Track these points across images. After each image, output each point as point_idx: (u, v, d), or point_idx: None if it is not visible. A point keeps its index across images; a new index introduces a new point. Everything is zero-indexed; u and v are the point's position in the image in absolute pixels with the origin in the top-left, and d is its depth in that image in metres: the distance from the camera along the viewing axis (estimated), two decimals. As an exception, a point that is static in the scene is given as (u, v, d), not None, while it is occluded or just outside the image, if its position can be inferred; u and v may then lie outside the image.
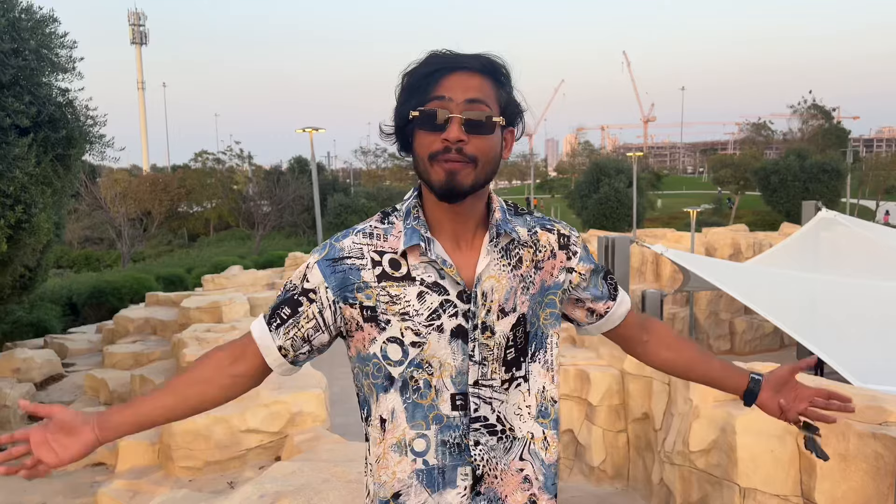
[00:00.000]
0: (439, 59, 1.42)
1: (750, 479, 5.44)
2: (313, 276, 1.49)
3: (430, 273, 1.47)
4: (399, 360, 1.48)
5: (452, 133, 1.38)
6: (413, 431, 1.50)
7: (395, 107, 1.48)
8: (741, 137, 61.84)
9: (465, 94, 1.39)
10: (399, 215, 1.52)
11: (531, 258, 1.55)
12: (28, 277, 9.78)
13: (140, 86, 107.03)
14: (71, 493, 5.77)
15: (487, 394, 1.51)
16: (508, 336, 1.52)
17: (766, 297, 11.03)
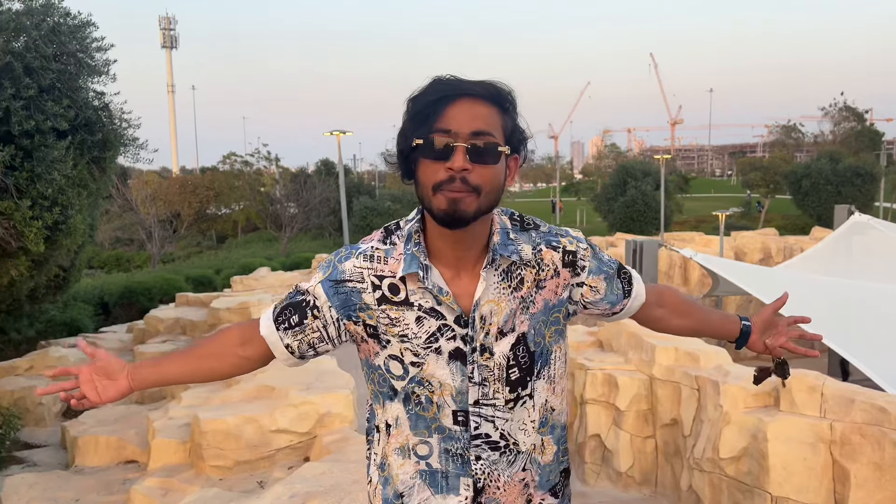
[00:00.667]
0: (444, 85, 1.41)
1: (782, 487, 5.37)
2: (319, 294, 1.53)
3: (427, 299, 1.49)
4: (401, 375, 1.53)
5: (457, 162, 1.37)
6: (416, 438, 1.56)
7: (399, 132, 1.48)
8: (771, 140, 60.96)
9: (470, 124, 1.38)
10: (401, 236, 1.53)
11: (533, 278, 1.55)
12: (62, 277, 9.98)
13: (170, 89, 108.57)
14: (104, 489, 5.86)
15: (489, 412, 1.54)
16: (508, 356, 1.53)
17: (797, 303, 10.86)
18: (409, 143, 1.44)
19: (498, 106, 1.43)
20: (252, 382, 6.14)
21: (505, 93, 1.45)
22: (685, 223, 42.03)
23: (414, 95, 1.44)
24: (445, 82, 1.42)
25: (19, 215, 5.52)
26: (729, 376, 6.11)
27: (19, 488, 5.77)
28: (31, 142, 5.62)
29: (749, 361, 15.41)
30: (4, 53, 5.40)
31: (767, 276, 13.04)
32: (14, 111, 5.42)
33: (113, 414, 7.43)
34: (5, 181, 5.52)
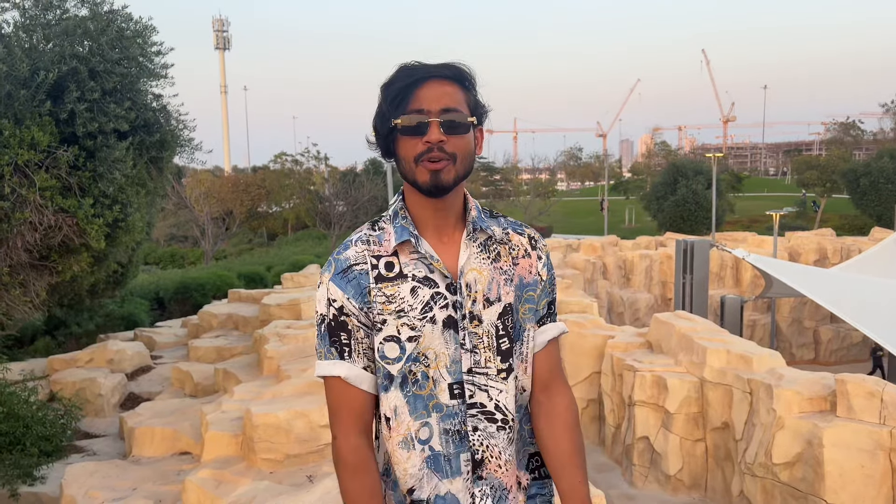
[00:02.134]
0: (413, 70, 1.57)
1: (838, 495, 5.23)
2: (334, 293, 1.60)
3: (420, 269, 1.60)
4: (397, 357, 1.59)
5: (433, 135, 1.54)
6: (417, 422, 1.60)
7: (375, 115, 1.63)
8: (828, 138, 59.12)
9: (439, 101, 1.55)
10: (387, 219, 1.66)
11: (508, 254, 1.69)
12: (120, 273, 10.30)
13: (223, 90, 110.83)
14: (159, 479, 6.04)
15: (482, 381, 1.62)
16: (497, 325, 1.63)
17: (855, 305, 10.56)
18: (387, 124, 1.58)
19: (461, 84, 1.60)
20: (302, 378, 6.25)
21: (466, 72, 1.61)
22: (737, 223, 41.13)
23: (386, 82, 1.59)
24: (413, 68, 1.58)
25: (82, 213, 5.73)
26: (783, 380, 5.97)
27: (80, 476, 5.98)
28: (93, 143, 5.83)
29: (804, 365, 15.00)
30: (70, 58, 5.61)
31: (823, 278, 12.68)
32: (79, 113, 5.63)
33: (168, 407, 7.65)
34: (69, 180, 5.74)
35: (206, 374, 8.79)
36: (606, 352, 8.28)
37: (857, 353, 16.59)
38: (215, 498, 4.89)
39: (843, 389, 5.48)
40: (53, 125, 5.43)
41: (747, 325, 16.22)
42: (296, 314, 9.76)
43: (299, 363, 6.85)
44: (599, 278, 18.34)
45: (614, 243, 20.64)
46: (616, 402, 8.04)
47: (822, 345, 16.85)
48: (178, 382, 9.14)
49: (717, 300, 15.48)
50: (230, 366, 8.42)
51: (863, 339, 16.26)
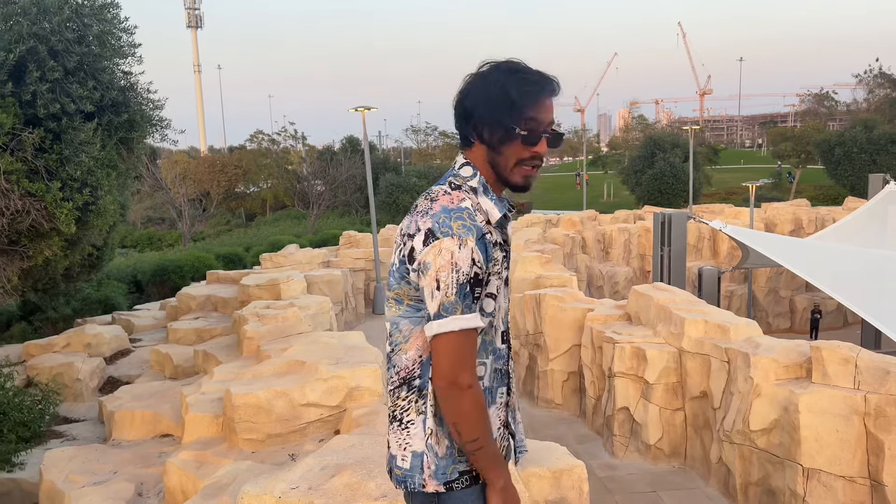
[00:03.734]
0: (540, 81, 1.85)
1: (814, 459, 5.32)
2: (477, 256, 1.80)
3: (496, 235, 1.89)
4: (492, 311, 1.90)
5: (543, 149, 1.86)
6: (477, 360, 1.88)
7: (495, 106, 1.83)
8: (802, 109, 59.48)
9: (549, 117, 1.87)
10: (470, 190, 1.89)
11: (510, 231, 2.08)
12: (96, 257, 10.16)
13: (196, 68, 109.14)
14: (140, 462, 6.00)
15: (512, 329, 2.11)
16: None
17: (830, 274, 10.70)
18: (511, 122, 1.82)
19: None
20: (282, 358, 6.22)
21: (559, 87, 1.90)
22: (714, 195, 41.43)
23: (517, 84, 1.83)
24: (540, 79, 1.85)
25: (50, 197, 5.61)
26: (759, 348, 6.04)
27: (59, 461, 5.93)
28: (58, 124, 5.69)
29: (780, 334, 15.21)
30: (29, 37, 5.45)
31: (799, 248, 12.82)
32: (40, 94, 5.48)
33: (148, 390, 7.59)
34: (35, 164, 5.61)
35: (186, 356, 8.73)
36: (586, 325, 8.33)
37: (832, 321, 16.87)
38: (197, 479, 4.87)
39: (818, 356, 5.56)
40: (17, 107, 5.29)
41: (725, 296, 16.42)
42: (275, 294, 9.70)
43: (279, 343, 6.81)
44: (579, 252, 18.42)
45: (593, 218, 20.71)
46: (596, 374, 8.11)
47: (797, 313, 17.10)
48: (157, 365, 9.07)
49: (694, 272, 15.63)
50: (210, 347, 8.36)
51: (837, 308, 16.51)
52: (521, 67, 1.85)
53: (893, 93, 44.07)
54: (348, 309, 14.04)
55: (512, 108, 1.80)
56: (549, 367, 8.84)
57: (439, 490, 1.88)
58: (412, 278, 1.84)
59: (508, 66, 1.85)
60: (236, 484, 4.22)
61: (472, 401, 1.80)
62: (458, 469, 1.89)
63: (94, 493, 5.26)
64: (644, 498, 6.50)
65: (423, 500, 1.93)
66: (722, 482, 6.42)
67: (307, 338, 6.79)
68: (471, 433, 1.81)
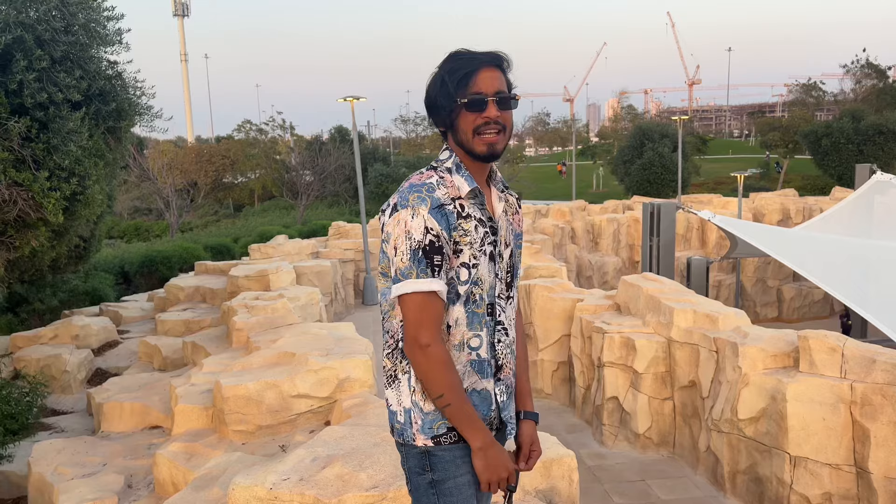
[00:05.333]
0: (471, 59, 2.00)
1: (801, 447, 5.38)
2: (431, 224, 1.93)
3: (476, 211, 2.02)
4: (465, 280, 2.00)
5: (491, 112, 1.99)
6: (471, 332, 2.04)
7: (437, 95, 2.02)
8: (790, 99, 59.67)
9: (493, 86, 1.99)
10: (445, 171, 2.04)
11: (511, 209, 2.19)
12: (83, 248, 10.08)
13: (183, 58, 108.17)
14: (130, 454, 5.98)
15: (502, 304, 2.10)
16: (508, 263, 2.13)
17: (817, 264, 10.77)
18: (452, 101, 1.99)
19: (503, 69, 2.05)
20: (272, 349, 6.20)
21: (506, 60, 2.06)
22: (703, 185, 41.61)
23: (449, 69, 2.00)
24: (472, 57, 2.00)
25: (37, 186, 5.56)
26: (748, 338, 6.08)
27: (48, 453, 5.90)
28: (45, 114, 5.62)
29: (768, 323, 15.33)
30: (15, 26, 5.38)
31: (786, 237, 12.90)
32: (27, 83, 5.42)
33: (137, 381, 7.55)
34: (22, 153, 5.55)
35: (175, 348, 8.69)
36: (575, 315, 8.36)
37: (819, 310, 17.01)
38: (187, 471, 4.86)
39: (805, 345, 5.60)
40: (3, 96, 5.23)
41: (713, 286, 16.51)
42: (264, 285, 9.67)
43: (269, 334, 6.80)
44: (568, 243, 18.45)
45: (582, 208, 20.74)
46: (585, 364, 8.14)
47: (785, 303, 17.23)
48: (145, 357, 9.03)
49: (683, 262, 15.71)
50: (199, 338, 8.32)
51: (824, 297, 16.65)
52: (456, 53, 2.03)
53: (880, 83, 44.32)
54: (338, 300, 14.02)
55: (448, 87, 1.99)
56: (538, 356, 8.87)
57: (427, 444, 2.02)
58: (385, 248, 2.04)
59: (446, 56, 2.04)
60: (227, 475, 4.21)
61: (431, 359, 1.93)
62: (446, 425, 2.01)
63: (84, 485, 5.24)
64: (633, 487, 6.55)
65: (416, 457, 2.05)
66: (710, 470, 6.48)
67: (297, 329, 6.78)
68: (434, 390, 1.95)
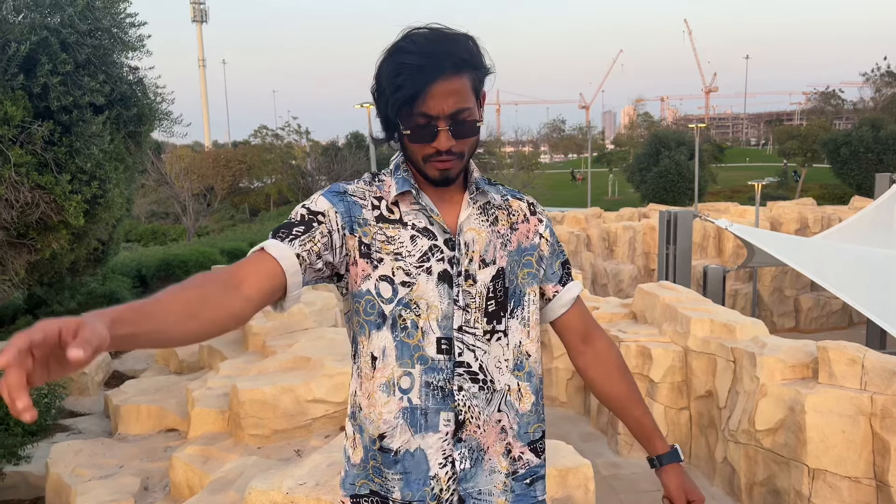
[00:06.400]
0: (418, 71, 1.44)
1: (820, 459, 5.32)
2: (321, 203, 1.56)
3: (420, 219, 1.59)
4: (389, 297, 1.55)
5: (443, 143, 1.50)
6: (400, 370, 1.56)
7: (381, 103, 1.54)
8: (808, 107, 59.35)
9: (448, 105, 1.47)
10: (387, 173, 1.64)
11: (507, 219, 1.69)
12: (101, 251, 10.16)
13: (201, 63, 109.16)
14: (146, 457, 6.02)
15: (471, 341, 1.59)
16: (489, 286, 1.61)
17: (836, 274, 10.67)
18: (392, 126, 1.56)
19: (469, 70, 1.50)
20: (288, 353, 6.23)
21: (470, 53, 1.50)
22: (719, 193, 41.36)
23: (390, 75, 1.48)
24: (419, 68, 1.44)
25: (59, 189, 5.62)
26: (766, 348, 6.03)
27: (66, 455, 5.95)
28: (69, 117, 5.69)
29: (785, 334, 15.20)
30: (41, 29, 5.46)
31: (804, 247, 12.79)
32: (52, 87, 5.49)
33: (153, 384, 7.61)
34: (45, 156, 5.62)
35: (191, 351, 8.74)
36: (591, 323, 8.33)
37: (837, 321, 16.83)
38: (203, 474, 4.88)
39: (824, 356, 5.55)
40: (27, 99, 5.30)
41: (729, 295, 16.39)
42: (280, 290, 9.71)
43: (284, 339, 6.83)
44: (583, 250, 18.41)
45: (598, 215, 20.68)
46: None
47: (802, 313, 17.07)
48: (162, 360, 9.09)
49: (699, 270, 15.61)
50: (215, 342, 8.36)
51: (842, 307, 16.49)
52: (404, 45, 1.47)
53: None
54: (353, 305, 14.03)
55: (388, 104, 1.51)
56: (553, 364, 8.85)
57: (345, 502, 1.66)
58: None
59: (393, 45, 1.49)
60: (243, 479, 4.23)
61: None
62: (370, 486, 1.61)
63: (101, 486, 5.27)
64: (649, 497, 6.50)
65: None
66: (727, 482, 6.42)
67: (312, 333, 6.80)
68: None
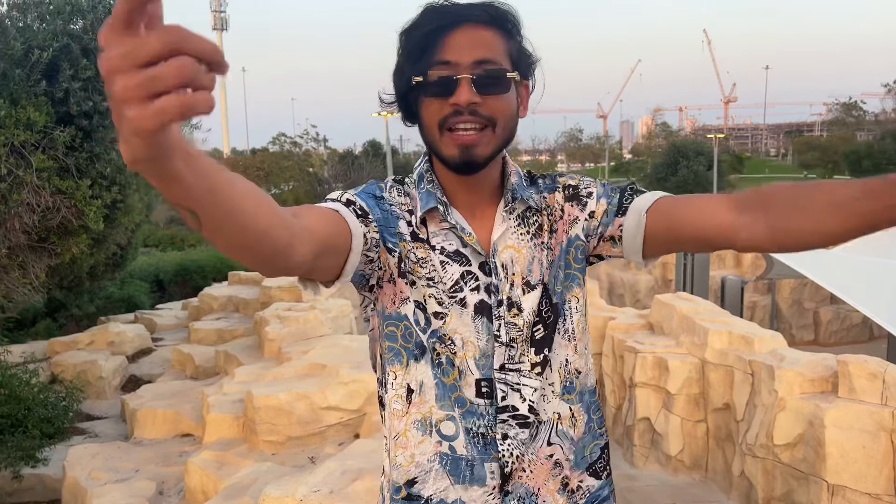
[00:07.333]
0: (439, 13, 1.24)
1: (839, 475, 5.24)
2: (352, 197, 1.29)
3: (450, 241, 1.33)
4: (423, 327, 1.34)
5: (463, 96, 1.22)
6: (442, 412, 1.34)
7: (394, 70, 1.32)
8: (830, 118, 58.91)
9: (472, 52, 1.23)
10: (411, 184, 1.38)
11: (548, 224, 1.40)
12: (120, 255, 10.26)
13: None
14: (162, 461, 6.05)
15: (515, 379, 1.35)
16: (532, 312, 1.36)
17: (856, 286, 10.55)
18: (406, 82, 1.29)
19: (500, 29, 1.28)
20: (303, 360, 6.25)
21: (507, 13, 1.28)
22: (738, 204, 41.07)
23: (405, 28, 1.28)
24: (439, 10, 1.25)
25: (80, 194, 5.69)
26: (784, 361, 5.96)
27: (82, 458, 6.00)
28: (89, 122, 5.77)
29: (804, 347, 15.03)
30: (63, 35, 5.54)
31: (825, 258, 12.65)
32: (73, 92, 5.57)
33: (169, 389, 7.66)
34: (66, 161, 5.69)
35: (207, 357, 8.79)
36: (607, 333, 8.28)
37: (857, 335, 16.62)
38: (218, 479, 4.90)
39: (844, 370, 5.47)
40: (49, 105, 5.38)
41: (747, 307, 16.24)
42: (296, 296, 9.75)
43: (300, 345, 6.85)
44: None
45: (615, 225, 20.59)
46: (617, 384, 8.05)
47: (821, 326, 16.87)
48: (178, 365, 9.14)
49: (717, 281, 15.49)
50: (231, 348, 8.42)
51: (863, 320, 16.28)
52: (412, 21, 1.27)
53: (923, 103, 43.47)
54: (368, 312, 14.05)
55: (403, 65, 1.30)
56: (569, 374, 8.80)
57: None
58: None
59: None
60: (257, 485, 4.23)
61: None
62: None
63: (117, 490, 5.31)
64: (664, 510, 6.44)
65: None
66: (744, 496, 6.34)
67: (328, 341, 6.82)
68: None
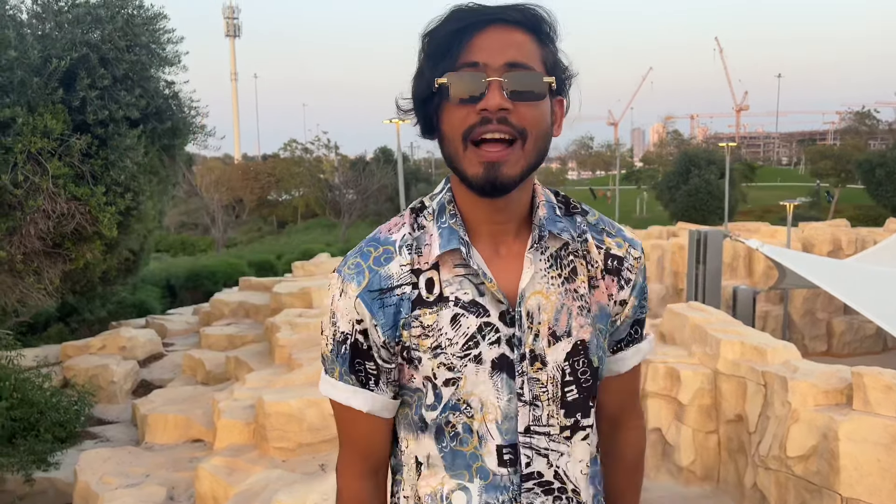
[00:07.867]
0: (468, 12, 1.11)
1: (853, 488, 5.19)
2: (361, 313, 1.19)
3: (465, 289, 1.18)
4: (432, 404, 1.21)
5: (493, 100, 1.07)
6: (454, 482, 1.22)
7: (414, 75, 1.17)
8: (842, 127, 58.59)
9: (503, 55, 1.08)
10: (430, 213, 1.22)
11: (586, 271, 1.24)
12: (132, 261, 10.33)
13: (233, 77, 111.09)
14: (172, 466, 6.07)
15: (542, 444, 1.21)
16: (564, 368, 1.21)
17: (870, 297, 10.48)
18: (426, 86, 1.13)
19: (535, 33, 1.14)
20: (313, 367, 6.25)
21: (543, 17, 1.14)
22: (750, 213, 40.93)
23: (428, 29, 1.14)
24: (467, 10, 1.11)
25: (94, 201, 5.74)
26: (798, 372, 5.92)
27: (94, 462, 6.02)
28: (105, 130, 5.83)
29: (817, 357, 14.91)
30: (81, 45, 5.60)
31: (837, 269, 12.58)
32: (90, 101, 5.63)
33: (180, 394, 7.68)
34: (82, 168, 5.74)
35: (218, 362, 8.82)
36: (618, 342, 8.25)
37: (871, 346, 16.47)
38: (228, 485, 4.90)
39: (859, 382, 5.43)
40: (66, 113, 5.44)
41: (760, 317, 16.14)
42: (307, 303, 9.77)
43: (310, 352, 6.85)
44: (611, 268, 18.27)
45: (626, 233, 20.53)
46: (628, 393, 8.02)
47: (835, 337, 16.74)
48: (189, 370, 9.17)
49: (729, 291, 15.41)
50: (242, 354, 8.44)
51: (876, 331, 16.15)
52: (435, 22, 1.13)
53: (937, 113, 43.17)
54: (378, 319, 14.04)
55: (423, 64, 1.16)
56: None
57: None
58: None
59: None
60: (267, 492, 4.24)
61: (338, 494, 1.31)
62: None
63: (128, 495, 5.32)
64: (675, 521, 6.39)
65: None
66: (756, 508, 6.28)
67: (339, 347, 6.82)
68: None
